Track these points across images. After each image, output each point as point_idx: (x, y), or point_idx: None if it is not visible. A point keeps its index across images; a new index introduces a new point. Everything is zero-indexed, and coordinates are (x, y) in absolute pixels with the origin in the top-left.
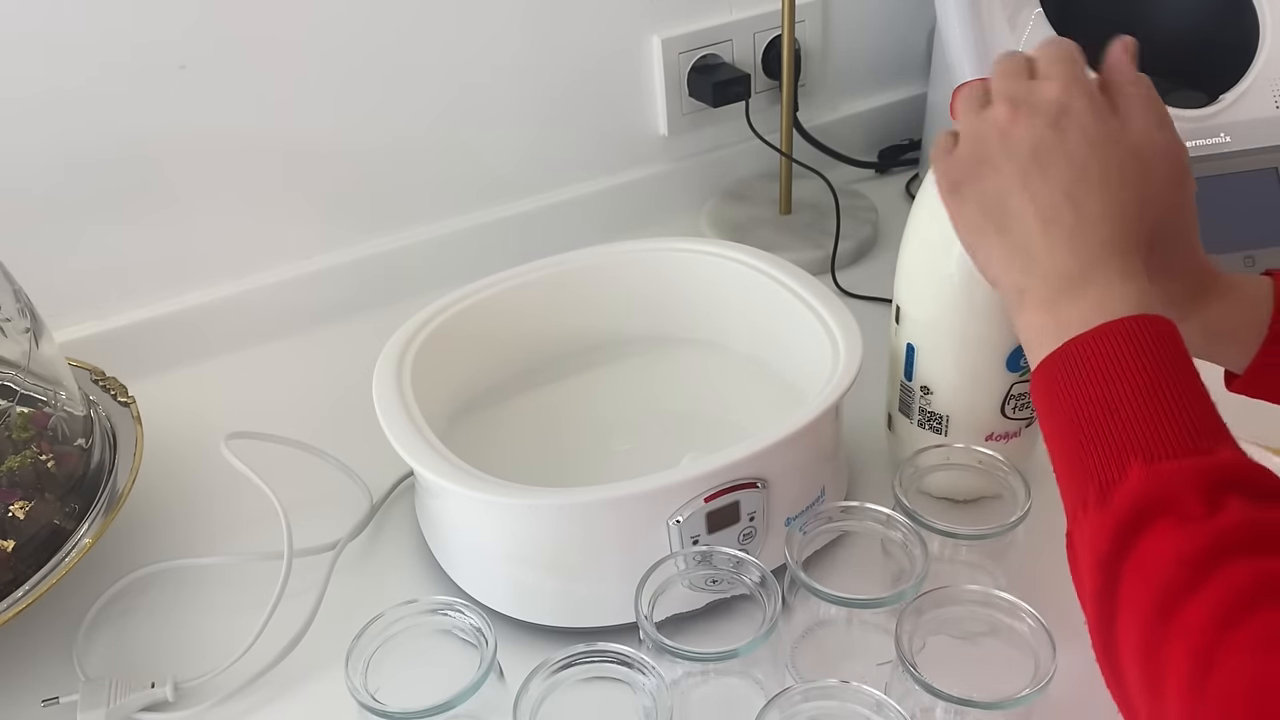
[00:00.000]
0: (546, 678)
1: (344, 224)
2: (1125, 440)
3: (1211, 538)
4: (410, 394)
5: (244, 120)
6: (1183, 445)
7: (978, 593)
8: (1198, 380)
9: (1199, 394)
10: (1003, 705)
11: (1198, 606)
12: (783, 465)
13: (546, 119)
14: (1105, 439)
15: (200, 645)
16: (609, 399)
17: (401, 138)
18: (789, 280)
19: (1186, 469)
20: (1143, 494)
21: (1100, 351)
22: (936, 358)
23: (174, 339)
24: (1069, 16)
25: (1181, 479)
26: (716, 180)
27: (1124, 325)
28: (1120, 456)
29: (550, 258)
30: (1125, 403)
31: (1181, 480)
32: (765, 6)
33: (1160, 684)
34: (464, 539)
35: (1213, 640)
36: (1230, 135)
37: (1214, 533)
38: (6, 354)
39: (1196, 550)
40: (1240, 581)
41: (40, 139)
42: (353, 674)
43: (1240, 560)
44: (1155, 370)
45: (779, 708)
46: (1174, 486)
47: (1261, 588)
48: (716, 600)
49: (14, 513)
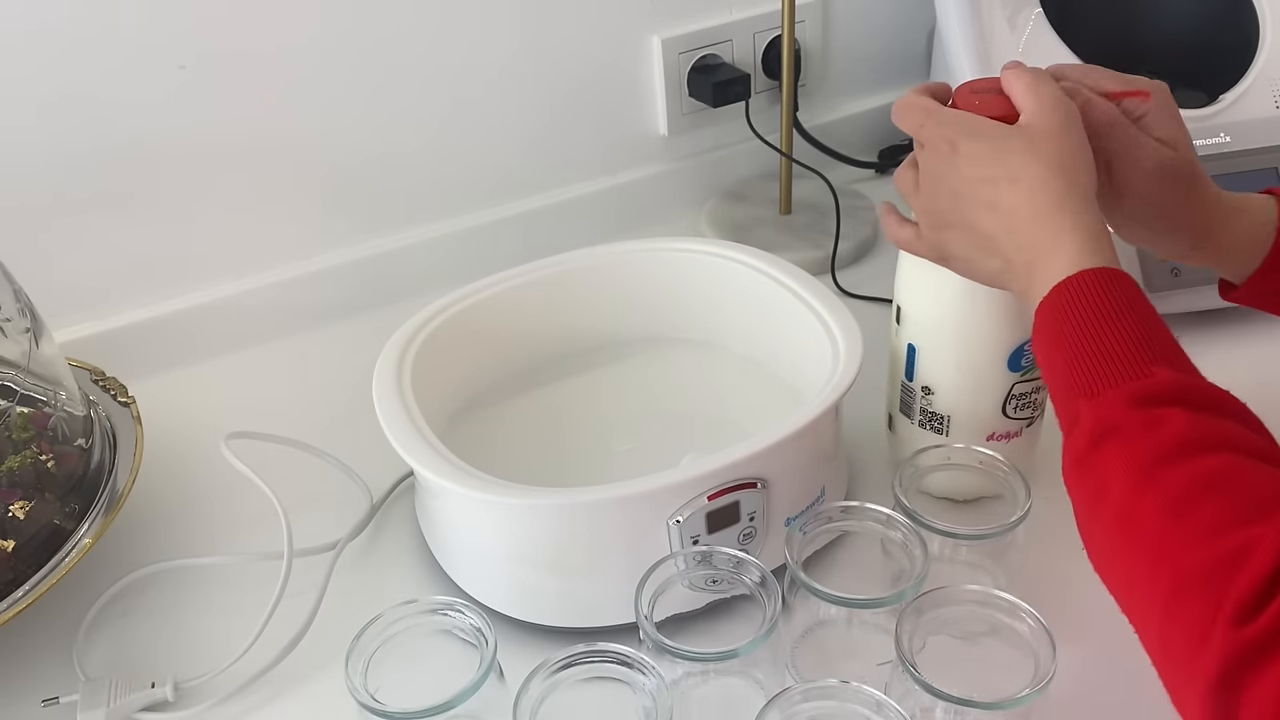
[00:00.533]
0: (546, 678)
1: (344, 224)
2: (1075, 383)
3: (1153, 446)
4: (410, 394)
5: (244, 120)
6: (1121, 373)
7: (978, 593)
8: (1139, 314)
9: (1135, 320)
10: (1003, 705)
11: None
12: (783, 465)
13: (546, 119)
14: (1065, 387)
15: (200, 645)
16: (609, 399)
17: (401, 137)
18: (789, 280)
19: (1122, 394)
20: (1091, 427)
21: (1051, 311)
22: (938, 358)
23: (174, 339)
24: (1069, 16)
25: (1118, 404)
26: (716, 180)
27: (1065, 285)
28: (1073, 398)
29: (550, 258)
30: (1072, 351)
31: (1119, 406)
32: (765, 6)
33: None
34: (464, 539)
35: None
36: (1230, 135)
37: (1154, 443)
38: (6, 354)
39: (1137, 465)
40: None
41: (40, 139)
42: (353, 674)
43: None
44: (1093, 311)
45: (779, 708)
46: (1112, 412)
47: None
48: (716, 600)
49: (14, 513)
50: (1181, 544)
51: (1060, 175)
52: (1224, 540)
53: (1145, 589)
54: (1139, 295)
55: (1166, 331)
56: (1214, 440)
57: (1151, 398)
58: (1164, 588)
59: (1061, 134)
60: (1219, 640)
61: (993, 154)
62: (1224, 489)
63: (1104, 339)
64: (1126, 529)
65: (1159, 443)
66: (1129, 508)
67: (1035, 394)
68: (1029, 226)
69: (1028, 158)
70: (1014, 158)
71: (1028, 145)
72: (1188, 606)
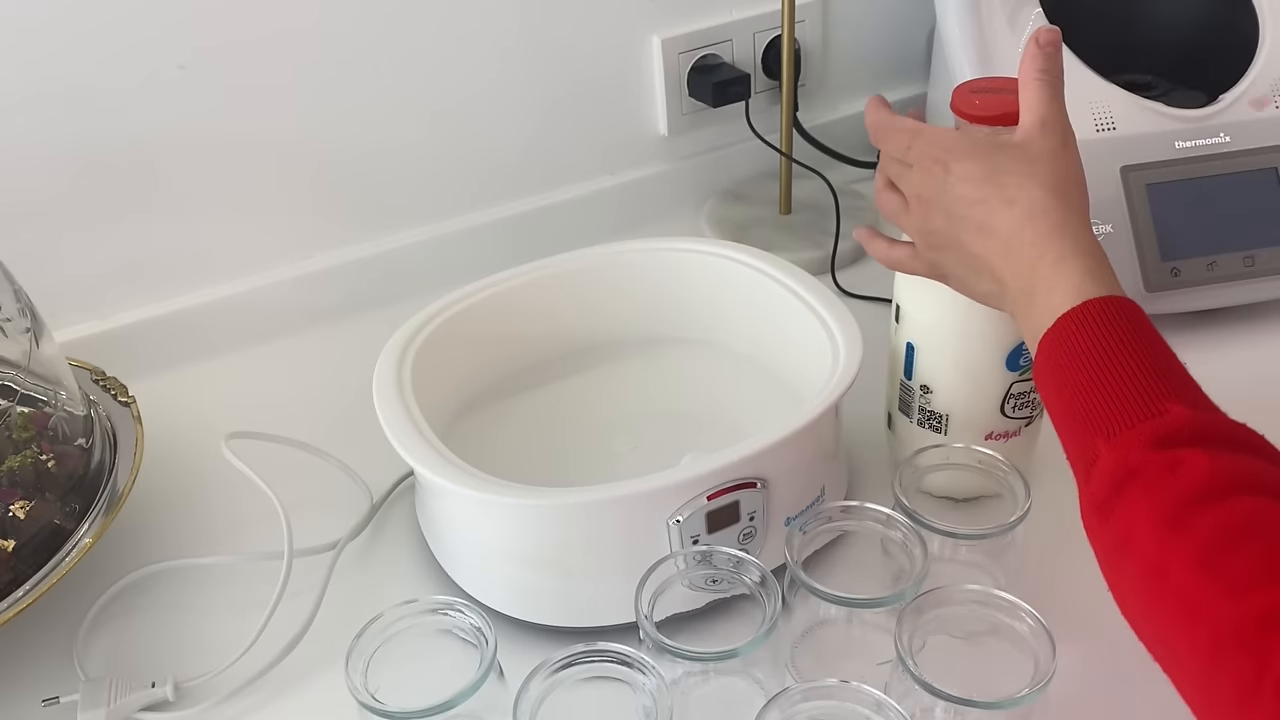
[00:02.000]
0: (546, 678)
1: (344, 224)
2: (1089, 421)
3: (1176, 494)
4: (410, 394)
5: (244, 120)
6: (1137, 411)
7: (978, 593)
8: (1148, 346)
9: (1148, 359)
10: (1003, 705)
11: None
12: (783, 465)
13: (546, 119)
14: (1079, 424)
15: (200, 645)
16: (609, 399)
17: (402, 137)
18: (789, 280)
19: (1139, 435)
20: (1111, 471)
21: (1057, 344)
22: (936, 357)
23: (174, 339)
24: (1069, 16)
25: (1136, 446)
26: (716, 180)
27: (1072, 315)
28: (1089, 437)
29: (550, 258)
30: (1083, 388)
31: (1137, 447)
32: (765, 6)
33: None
34: (464, 539)
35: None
36: (1230, 135)
37: (1177, 490)
38: (6, 354)
39: (1161, 514)
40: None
41: (40, 139)
42: (353, 674)
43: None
44: (1103, 345)
45: (779, 708)
46: (1131, 455)
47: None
48: (716, 600)
49: (14, 513)
50: (1216, 600)
51: (1057, 198)
52: (1261, 596)
53: (1182, 644)
54: (1146, 324)
55: (1177, 361)
56: (1238, 482)
57: (1171, 438)
58: (1203, 645)
59: (1058, 153)
60: (1268, 701)
61: (986, 175)
62: (1253, 537)
63: (1115, 374)
64: (1156, 583)
65: (1182, 488)
66: (1157, 561)
67: (1034, 393)
68: (1027, 253)
69: (1023, 179)
70: (1009, 179)
71: (1023, 166)
72: (1230, 666)
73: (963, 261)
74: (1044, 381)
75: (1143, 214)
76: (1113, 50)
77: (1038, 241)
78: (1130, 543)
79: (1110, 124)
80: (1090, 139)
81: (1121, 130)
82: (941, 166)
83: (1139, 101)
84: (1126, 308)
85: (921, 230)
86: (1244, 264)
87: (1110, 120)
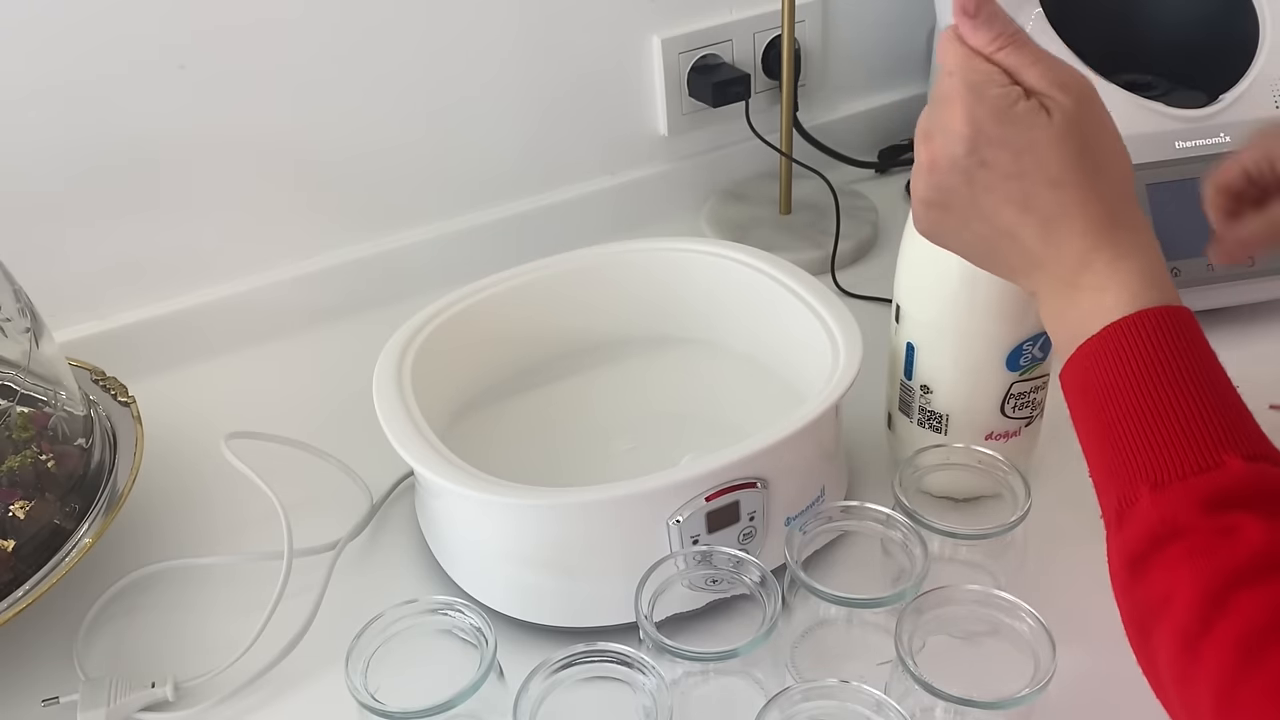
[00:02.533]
0: (546, 678)
1: (344, 224)
2: (1132, 461)
3: (1221, 572)
4: (410, 394)
5: (244, 120)
6: (1189, 462)
7: (978, 593)
8: (1206, 374)
9: (1207, 392)
10: (1003, 705)
11: (1215, 646)
12: (783, 465)
13: (546, 119)
14: (1118, 455)
15: (200, 645)
16: (609, 399)
17: (401, 137)
18: (789, 280)
19: (1190, 491)
20: (1151, 524)
21: (1107, 354)
22: (936, 356)
23: (174, 339)
24: (1069, 16)
25: (1186, 504)
26: (716, 180)
27: (1127, 325)
28: (1132, 481)
29: (550, 258)
30: (1133, 420)
31: (1186, 505)
32: (765, 6)
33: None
34: (464, 539)
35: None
36: (1230, 135)
37: (1225, 562)
38: (6, 354)
39: (1206, 586)
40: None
41: (40, 139)
42: (353, 674)
43: (1251, 590)
44: (1156, 376)
45: (779, 708)
46: (1179, 513)
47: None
48: (716, 600)
49: (14, 513)
50: (1252, 701)
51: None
52: None
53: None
54: (1203, 340)
55: (1231, 386)
56: None
57: (1226, 498)
58: None
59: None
60: None
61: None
62: None
63: (1170, 410)
64: (1193, 660)
65: (1233, 560)
66: (1195, 635)
67: (1034, 393)
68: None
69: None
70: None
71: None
72: None
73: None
74: (1081, 395)
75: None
76: (1113, 50)
77: (1087, 231)
78: (1167, 608)
79: None
80: None
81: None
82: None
83: (1139, 101)
84: (1183, 320)
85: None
86: (1244, 264)
87: None
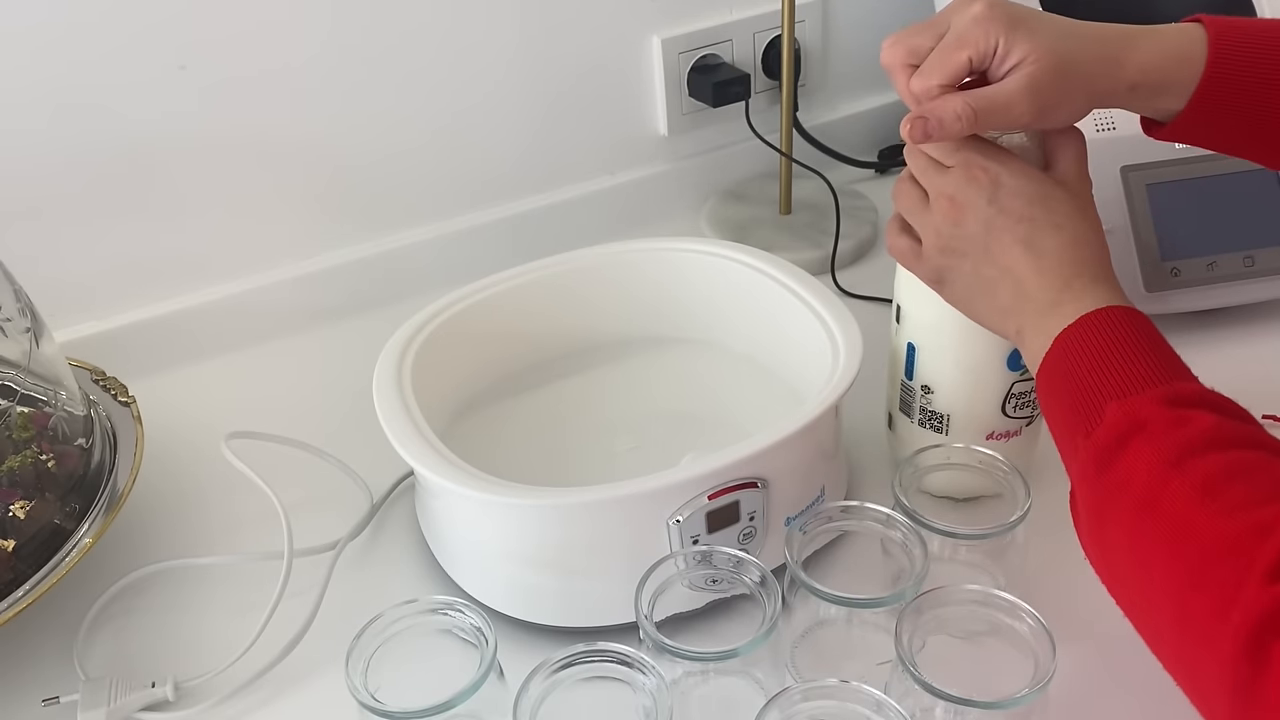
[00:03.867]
0: (546, 678)
1: (344, 224)
2: (1101, 390)
3: (1181, 440)
4: (410, 394)
5: (245, 121)
6: (1150, 380)
7: (978, 593)
8: (1164, 343)
9: (1164, 350)
10: (1003, 705)
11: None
12: (783, 465)
13: (546, 119)
14: (1086, 396)
15: (200, 645)
16: (609, 399)
17: (402, 138)
18: (789, 280)
19: (1153, 396)
20: (1118, 423)
21: (1079, 336)
22: (937, 357)
23: (174, 339)
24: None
25: (1149, 404)
26: (716, 180)
27: (1098, 314)
28: (1098, 403)
29: (550, 258)
30: (1100, 365)
31: (1149, 405)
32: (765, 6)
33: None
34: (464, 539)
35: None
36: None
37: (1183, 437)
38: (6, 354)
39: (1163, 456)
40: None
41: (41, 139)
42: (353, 674)
43: (1204, 455)
44: (1123, 337)
45: (779, 708)
46: (1143, 411)
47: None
48: (716, 600)
49: (14, 513)
50: (1209, 520)
51: (1096, 235)
52: (1253, 514)
53: (1165, 567)
54: (1160, 335)
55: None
56: (1242, 438)
57: (1181, 399)
58: (1189, 562)
59: (1090, 204)
60: (1250, 598)
61: (1039, 197)
62: (1253, 475)
63: (1131, 353)
64: (1149, 513)
65: (1188, 437)
66: (1153, 495)
67: (1035, 393)
68: (1064, 270)
69: (1072, 210)
70: (1059, 205)
71: (1072, 200)
72: (1215, 573)
73: (979, 273)
74: (1049, 379)
75: (1143, 214)
76: None
77: (1076, 263)
78: (1128, 483)
79: (1110, 124)
80: (1091, 139)
81: (1121, 130)
82: (990, 176)
83: None
84: (1143, 318)
85: (941, 232)
86: (1244, 264)
87: (1110, 120)
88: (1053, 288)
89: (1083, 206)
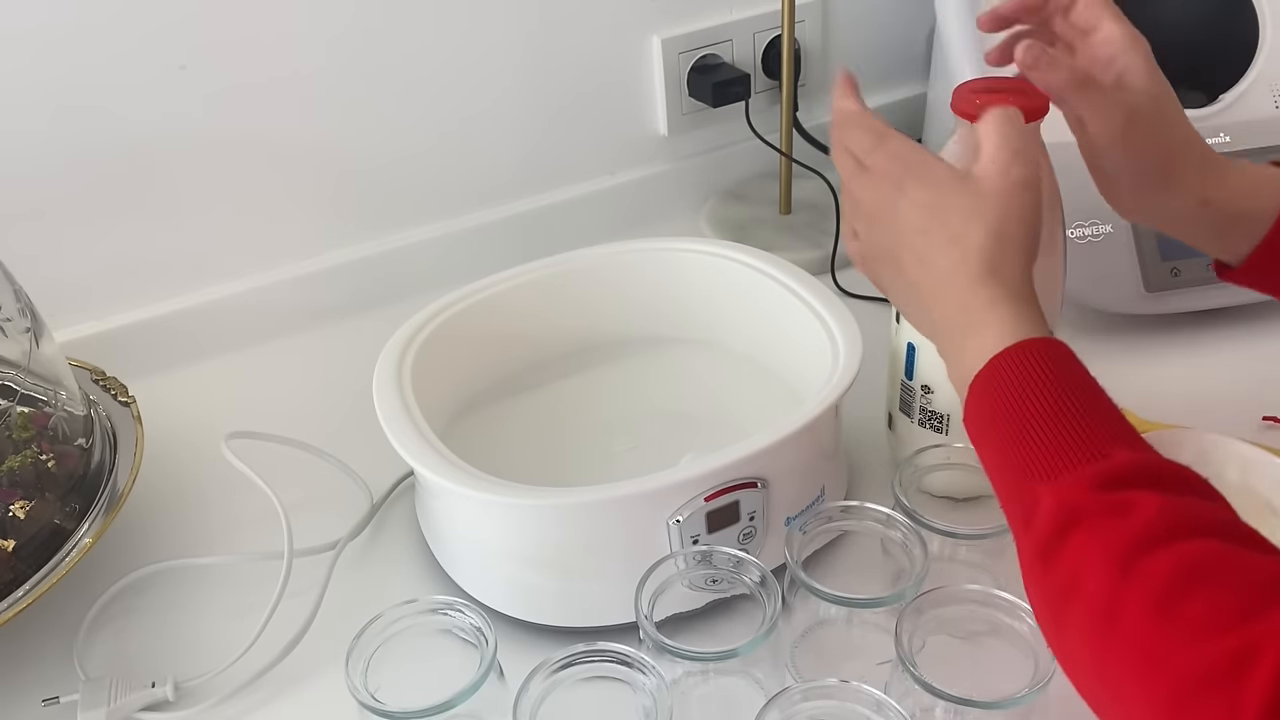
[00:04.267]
0: (546, 678)
1: (344, 224)
2: (1027, 468)
3: (1126, 537)
4: (410, 394)
5: (244, 120)
6: (1078, 454)
7: (978, 592)
8: (1087, 391)
9: (1083, 397)
10: (1003, 705)
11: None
12: (783, 465)
13: (547, 119)
14: (1014, 472)
15: (200, 645)
16: (609, 399)
17: (401, 137)
18: (789, 280)
19: (1082, 478)
20: (1054, 514)
21: (990, 389)
22: (938, 357)
23: (174, 339)
24: None
25: (1080, 488)
26: (716, 180)
27: (1005, 356)
28: (1028, 484)
29: (550, 258)
30: (1019, 435)
31: (1081, 491)
32: (765, 6)
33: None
34: (464, 539)
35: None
36: (1230, 135)
37: (1126, 533)
38: (7, 354)
39: (1111, 557)
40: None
41: (41, 139)
42: (353, 674)
43: (1153, 554)
44: (1033, 392)
45: (779, 707)
46: (1074, 496)
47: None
48: (716, 600)
49: (14, 513)
50: (1175, 647)
51: (998, 241)
52: (1222, 641)
53: (1138, 696)
54: (1079, 365)
55: (1112, 403)
56: (1189, 524)
57: (1116, 479)
58: (1163, 695)
59: (1011, 195)
60: None
61: (934, 205)
62: (1210, 580)
63: (1052, 417)
64: (1108, 631)
65: (1133, 530)
66: (1109, 608)
67: None
68: (960, 293)
69: (969, 217)
70: (955, 216)
71: (973, 204)
72: (1197, 711)
73: (899, 284)
74: (976, 428)
75: None
76: None
77: (971, 284)
78: (1078, 588)
79: None
80: None
81: None
82: (894, 184)
83: None
84: (1057, 349)
85: (861, 237)
86: None
87: None
88: (951, 316)
89: (980, 208)
